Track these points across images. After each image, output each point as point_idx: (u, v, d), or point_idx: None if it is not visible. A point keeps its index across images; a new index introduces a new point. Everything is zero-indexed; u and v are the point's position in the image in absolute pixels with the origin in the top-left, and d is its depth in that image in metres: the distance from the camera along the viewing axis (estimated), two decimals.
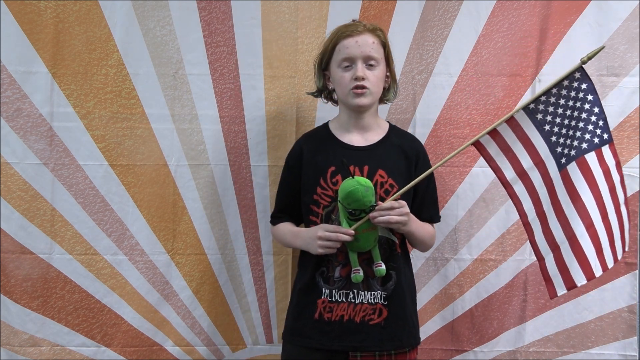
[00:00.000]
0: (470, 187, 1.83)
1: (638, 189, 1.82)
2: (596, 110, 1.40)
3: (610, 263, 1.39)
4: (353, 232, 1.41)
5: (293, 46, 1.81)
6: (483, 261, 1.85)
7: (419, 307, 1.86)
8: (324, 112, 1.76)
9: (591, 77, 1.78)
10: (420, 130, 1.84)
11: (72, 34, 1.78)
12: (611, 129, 1.80)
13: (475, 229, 1.85)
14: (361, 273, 1.45)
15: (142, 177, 1.82)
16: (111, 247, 1.82)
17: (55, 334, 1.82)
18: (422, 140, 1.83)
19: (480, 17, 1.81)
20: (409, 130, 1.83)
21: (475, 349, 1.87)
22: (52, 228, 1.80)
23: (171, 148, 1.82)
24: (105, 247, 1.82)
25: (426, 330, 1.87)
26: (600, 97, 1.79)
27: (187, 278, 1.85)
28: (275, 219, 1.67)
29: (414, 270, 1.85)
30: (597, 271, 1.38)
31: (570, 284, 1.39)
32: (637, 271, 1.83)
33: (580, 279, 1.38)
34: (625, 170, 1.80)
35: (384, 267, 1.46)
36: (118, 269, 1.83)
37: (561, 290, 1.41)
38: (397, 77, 1.82)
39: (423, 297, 1.87)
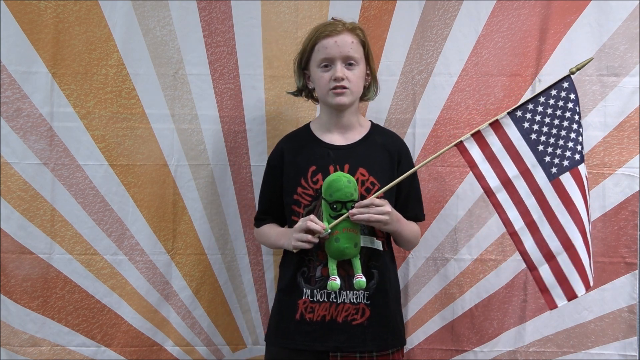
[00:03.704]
0: (470, 187, 1.83)
1: (638, 189, 1.82)
2: (581, 122, 1.43)
3: (591, 280, 1.42)
4: (326, 225, 1.38)
5: (293, 46, 1.79)
6: (483, 261, 1.85)
7: (419, 307, 1.87)
8: None
9: (591, 77, 1.82)
10: (420, 130, 1.84)
11: (72, 34, 1.78)
12: (611, 129, 1.83)
13: (475, 229, 1.85)
14: (338, 282, 1.39)
15: (142, 177, 1.82)
16: (111, 247, 1.82)
17: (55, 334, 1.82)
18: (422, 141, 1.83)
19: (480, 17, 1.81)
20: (409, 131, 1.83)
21: (475, 349, 1.87)
22: (52, 228, 1.80)
23: (171, 148, 1.82)
24: (105, 247, 1.82)
25: (426, 330, 1.87)
26: (600, 97, 1.82)
27: (187, 278, 1.85)
28: (259, 221, 1.64)
29: (414, 270, 1.86)
30: (591, 281, 1.42)
31: (571, 295, 1.40)
32: (637, 271, 1.83)
33: (580, 289, 1.40)
34: (625, 170, 1.82)
35: (364, 279, 1.41)
36: (118, 269, 1.82)
37: (561, 301, 1.41)
38: (397, 77, 1.83)
39: (423, 297, 1.87)
